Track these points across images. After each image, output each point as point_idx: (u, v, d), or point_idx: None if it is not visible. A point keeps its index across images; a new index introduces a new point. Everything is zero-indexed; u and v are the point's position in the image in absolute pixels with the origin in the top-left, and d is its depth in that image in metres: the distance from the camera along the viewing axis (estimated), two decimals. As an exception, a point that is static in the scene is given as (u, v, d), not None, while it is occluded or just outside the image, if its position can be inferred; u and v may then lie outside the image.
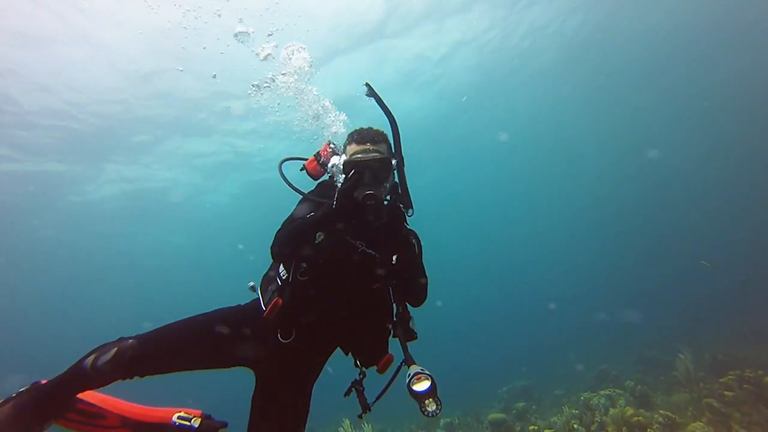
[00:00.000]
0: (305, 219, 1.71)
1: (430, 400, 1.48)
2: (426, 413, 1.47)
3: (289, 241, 1.73)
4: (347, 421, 9.99)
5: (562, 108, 17.17)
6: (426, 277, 1.86)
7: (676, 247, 24.61)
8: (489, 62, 12.62)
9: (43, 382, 1.66)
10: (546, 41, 12.46)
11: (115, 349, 1.60)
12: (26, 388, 1.61)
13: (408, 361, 1.67)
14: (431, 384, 1.50)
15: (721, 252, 20.76)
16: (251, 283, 1.99)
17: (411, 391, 1.50)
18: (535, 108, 16.52)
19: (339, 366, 2.11)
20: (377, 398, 1.77)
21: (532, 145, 20.34)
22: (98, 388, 1.66)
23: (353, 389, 1.81)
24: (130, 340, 1.65)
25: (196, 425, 1.77)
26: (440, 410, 1.47)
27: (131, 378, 1.63)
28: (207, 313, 1.83)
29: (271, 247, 1.76)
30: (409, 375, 1.56)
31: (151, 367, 1.67)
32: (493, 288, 35.98)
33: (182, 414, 1.79)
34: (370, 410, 1.76)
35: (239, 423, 1.93)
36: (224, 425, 1.86)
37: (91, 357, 1.61)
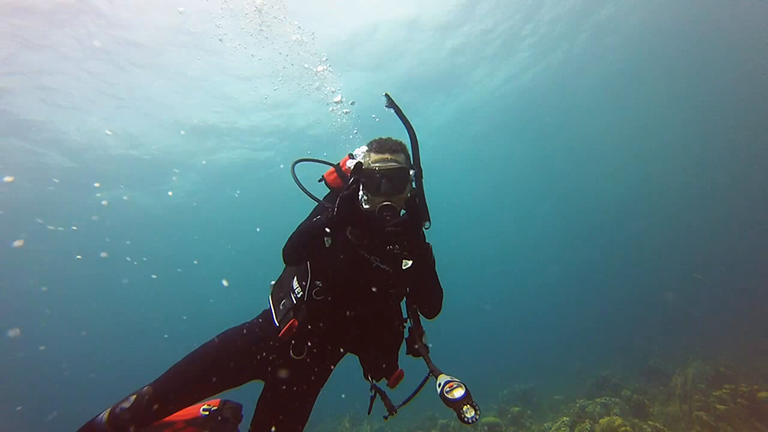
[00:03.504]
0: (310, 224, 1.71)
1: (468, 406, 1.47)
2: (465, 419, 1.45)
3: (296, 247, 1.75)
4: (346, 419, 10.35)
5: (568, 113, 17.14)
6: (441, 289, 1.86)
7: (687, 256, 24.19)
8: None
9: None
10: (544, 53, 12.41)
11: (134, 396, 1.63)
12: None
13: (434, 372, 1.68)
14: (466, 390, 1.51)
15: (736, 262, 20.31)
16: (273, 282, 2.04)
17: (446, 400, 1.51)
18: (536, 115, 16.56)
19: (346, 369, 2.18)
20: (404, 403, 1.81)
21: (538, 149, 20.36)
22: None
23: (377, 396, 1.85)
24: (146, 388, 1.67)
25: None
26: (479, 415, 1.46)
27: (151, 424, 1.64)
28: (216, 340, 1.84)
29: (282, 251, 1.78)
30: (440, 385, 1.57)
31: (172, 406, 1.70)
32: (501, 290, 35.86)
33: (205, 406, 2.00)
34: (396, 413, 1.79)
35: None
36: (239, 406, 2.07)
37: (107, 411, 1.62)
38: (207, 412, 2.00)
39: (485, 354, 20.85)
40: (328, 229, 1.61)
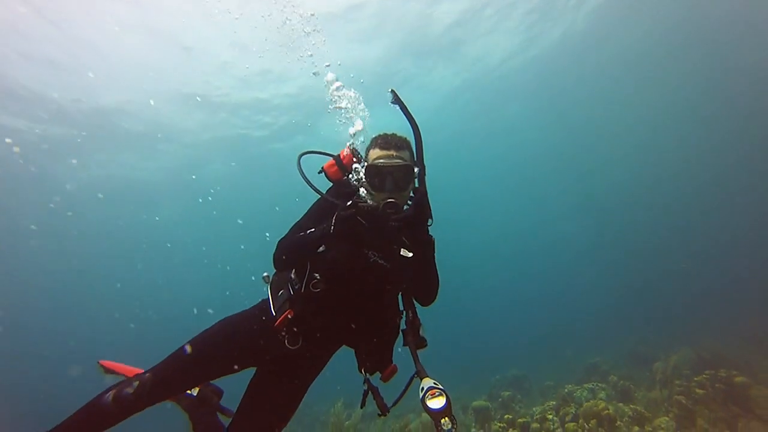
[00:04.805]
0: (305, 236, 1.77)
1: (446, 419, 1.48)
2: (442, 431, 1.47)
3: (289, 257, 1.83)
4: (340, 402, 10.80)
5: (567, 108, 17.26)
6: (438, 277, 1.92)
7: (678, 246, 24.75)
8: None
9: None
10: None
11: (137, 382, 1.77)
12: None
13: (420, 374, 1.72)
14: (446, 401, 1.53)
15: (727, 252, 20.82)
16: (265, 274, 2.09)
17: (426, 407, 1.53)
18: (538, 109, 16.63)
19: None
20: (393, 404, 1.88)
21: (534, 144, 20.56)
22: (115, 424, 1.75)
23: (370, 392, 1.90)
24: (147, 374, 1.82)
25: (195, 393, 2.17)
26: (456, 429, 1.48)
27: (152, 405, 1.80)
28: (213, 328, 1.94)
29: (273, 258, 1.86)
30: (423, 389, 1.60)
31: (171, 390, 1.85)
32: (497, 278, 36.46)
33: None
34: (388, 413, 1.84)
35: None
36: (220, 392, 2.22)
37: (112, 392, 1.77)
38: (189, 391, 2.15)
39: (480, 340, 21.43)
40: (322, 244, 1.70)
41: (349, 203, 1.69)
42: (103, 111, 12.58)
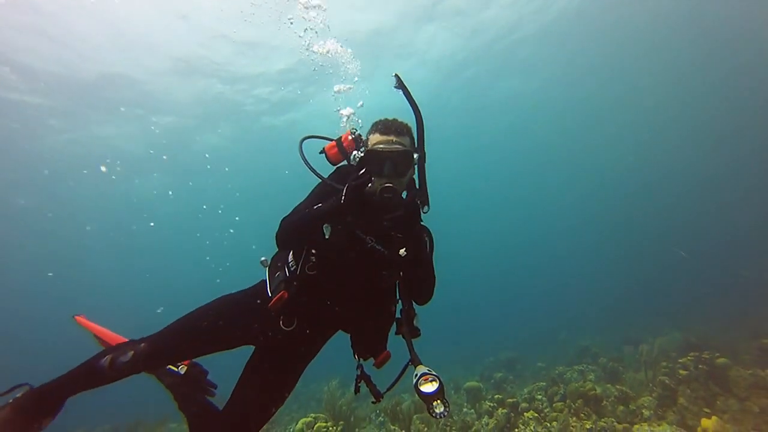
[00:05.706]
0: (312, 211, 1.77)
1: (438, 401, 1.55)
2: (434, 414, 1.53)
3: (294, 234, 1.84)
4: (335, 381, 11.19)
5: (565, 100, 17.21)
6: (434, 277, 1.94)
7: (678, 239, 25.22)
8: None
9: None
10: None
11: (132, 352, 1.84)
12: (24, 392, 1.80)
13: (414, 361, 1.76)
14: (439, 385, 1.58)
15: (725, 246, 21.23)
16: (263, 258, 2.12)
17: (419, 392, 1.59)
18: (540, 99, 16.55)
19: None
20: (387, 390, 1.94)
21: (536, 136, 20.57)
22: (108, 384, 1.86)
23: (362, 381, 1.96)
24: (142, 344, 1.87)
25: (183, 372, 2.22)
26: (449, 412, 1.54)
27: (145, 371, 1.92)
28: (212, 304, 2.01)
29: (276, 236, 1.87)
30: (416, 375, 1.65)
31: (164, 361, 1.96)
32: (496, 267, 36.99)
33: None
34: (382, 398, 1.93)
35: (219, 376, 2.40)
36: (205, 371, 2.30)
37: (108, 357, 1.84)
38: (175, 368, 2.21)
39: (476, 327, 21.97)
40: (331, 216, 1.71)
41: (362, 171, 1.69)
42: (91, 82, 12.45)
